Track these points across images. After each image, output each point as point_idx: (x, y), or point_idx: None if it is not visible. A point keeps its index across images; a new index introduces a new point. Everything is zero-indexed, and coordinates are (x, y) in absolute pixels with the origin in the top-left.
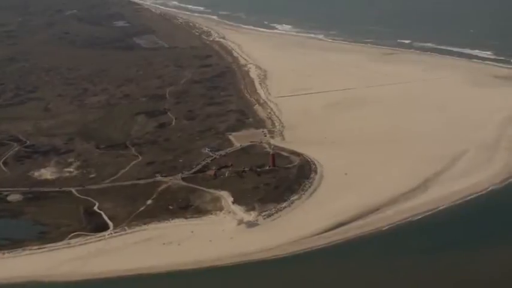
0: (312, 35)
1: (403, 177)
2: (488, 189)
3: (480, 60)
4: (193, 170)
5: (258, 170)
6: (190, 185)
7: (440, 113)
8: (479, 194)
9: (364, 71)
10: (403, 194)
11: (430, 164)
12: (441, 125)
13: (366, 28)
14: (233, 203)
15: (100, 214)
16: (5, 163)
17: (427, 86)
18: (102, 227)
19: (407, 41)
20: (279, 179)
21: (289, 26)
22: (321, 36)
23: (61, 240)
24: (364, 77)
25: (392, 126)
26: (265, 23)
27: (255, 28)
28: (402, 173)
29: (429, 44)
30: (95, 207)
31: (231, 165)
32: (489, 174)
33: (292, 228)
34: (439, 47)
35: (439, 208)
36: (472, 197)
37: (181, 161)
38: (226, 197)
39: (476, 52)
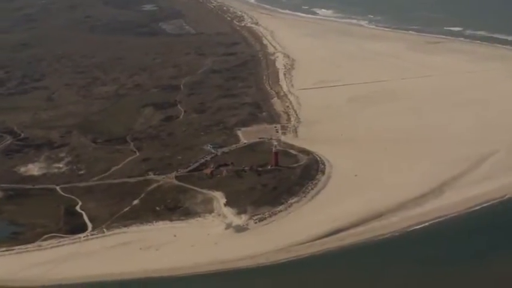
0: (354, 21)
1: (417, 181)
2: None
3: None
4: (189, 168)
5: (259, 169)
6: (183, 184)
7: (478, 110)
8: (499, 200)
9: (400, 62)
10: (414, 199)
11: (451, 165)
12: (476, 123)
13: (413, 14)
14: (225, 205)
15: (81, 214)
16: None
17: (470, 79)
18: (80, 229)
19: (456, 29)
20: (279, 179)
21: (330, 11)
22: (363, 23)
23: (32, 242)
24: (399, 68)
25: (419, 123)
26: (305, 7)
27: (292, 13)
28: (418, 175)
29: (481, 32)
30: (77, 207)
31: (231, 163)
32: None
33: (284, 234)
34: (492, 35)
35: (451, 215)
36: (489, 203)
37: (179, 158)
38: (219, 198)
39: None
